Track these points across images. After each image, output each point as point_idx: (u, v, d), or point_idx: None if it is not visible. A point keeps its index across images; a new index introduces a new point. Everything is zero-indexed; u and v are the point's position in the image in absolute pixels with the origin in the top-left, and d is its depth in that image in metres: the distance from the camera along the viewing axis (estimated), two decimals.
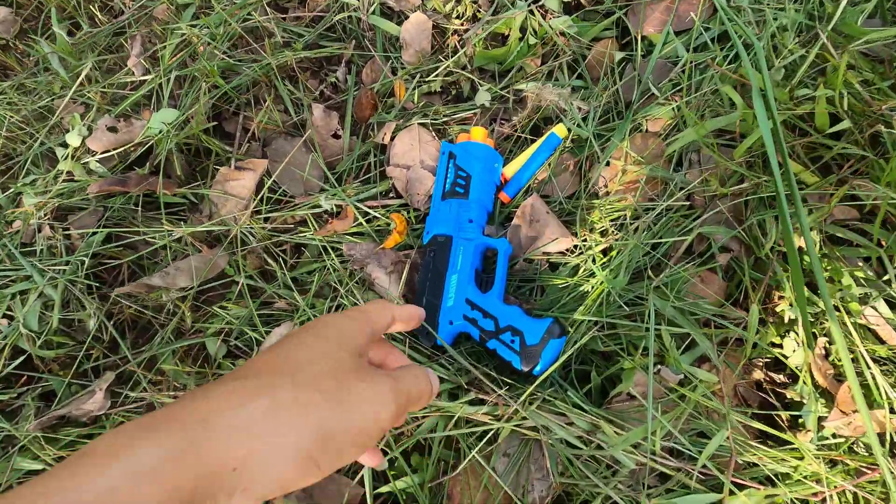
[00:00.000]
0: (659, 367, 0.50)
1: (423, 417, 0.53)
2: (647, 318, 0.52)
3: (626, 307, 0.53)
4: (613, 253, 0.59)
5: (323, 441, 0.24)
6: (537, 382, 0.51)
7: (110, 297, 0.66)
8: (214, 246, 0.68)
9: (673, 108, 0.62)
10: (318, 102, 0.76)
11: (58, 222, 0.69)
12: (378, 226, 0.67)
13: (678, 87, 0.63)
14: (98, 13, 0.87)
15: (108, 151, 0.74)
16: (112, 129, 0.74)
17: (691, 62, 0.63)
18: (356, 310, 0.32)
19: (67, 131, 0.76)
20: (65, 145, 0.76)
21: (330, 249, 0.66)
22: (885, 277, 0.54)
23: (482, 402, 0.52)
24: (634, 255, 0.55)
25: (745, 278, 0.56)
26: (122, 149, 0.73)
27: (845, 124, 0.54)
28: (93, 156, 0.75)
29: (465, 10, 0.77)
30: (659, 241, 0.57)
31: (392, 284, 0.62)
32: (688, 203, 0.60)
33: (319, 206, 0.67)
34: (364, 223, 0.66)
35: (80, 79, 0.75)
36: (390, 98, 0.76)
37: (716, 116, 0.60)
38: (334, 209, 0.68)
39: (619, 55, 0.69)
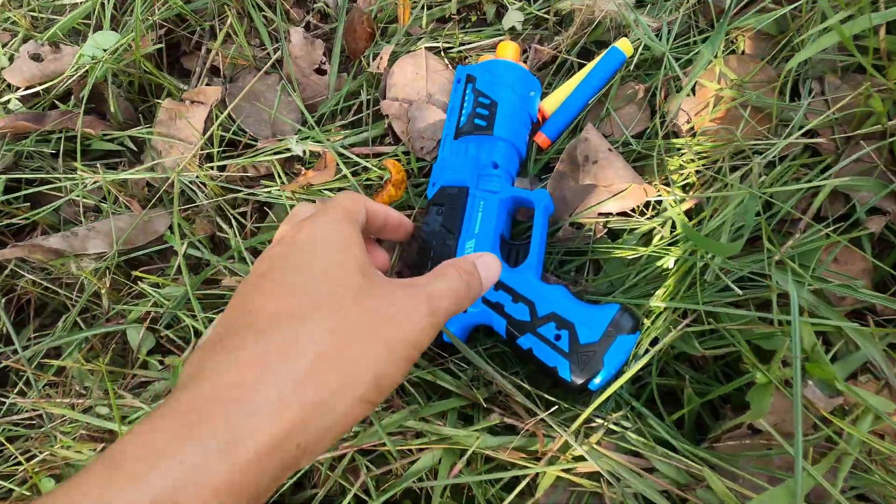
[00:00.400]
0: (808, 382, 0.31)
1: (420, 450, 0.35)
2: (773, 306, 0.33)
3: (737, 289, 0.34)
4: (705, 214, 0.40)
5: (377, 384, 0.23)
6: (597, 403, 0.32)
7: (7, 267, 0.49)
8: (139, 207, 0.50)
9: (787, 14, 0.43)
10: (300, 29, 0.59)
11: None
12: (368, 179, 0.49)
13: None
14: None
15: (31, 87, 0.58)
16: (36, 58, 0.58)
17: None
18: (328, 207, 0.29)
19: None
20: None
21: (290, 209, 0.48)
22: None
23: (511, 431, 0.34)
24: (745, 213, 0.36)
25: None
26: (49, 84, 0.57)
27: None
28: (14, 92, 0.59)
29: None
30: (774, 197, 0.38)
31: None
32: (810, 143, 0.41)
33: (289, 151, 0.49)
34: (349, 175, 0.48)
35: None
36: (392, 24, 0.58)
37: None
38: (308, 155, 0.50)
39: None
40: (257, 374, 0.21)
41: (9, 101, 0.59)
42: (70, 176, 0.50)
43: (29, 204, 0.52)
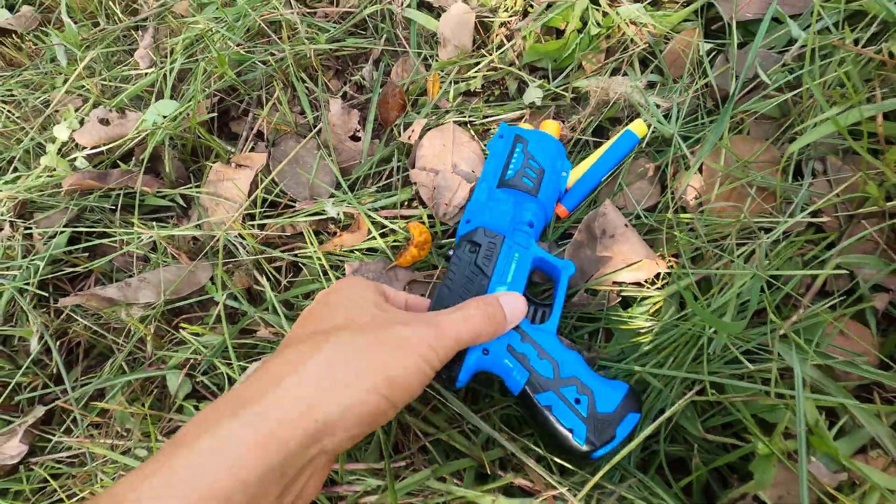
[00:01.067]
0: (812, 457, 0.32)
1: None
2: (773, 380, 0.34)
3: (746, 362, 0.36)
4: (714, 290, 0.42)
5: (388, 381, 0.27)
6: (608, 467, 0.34)
7: (63, 312, 0.53)
8: (188, 259, 0.55)
9: (788, 100, 0.47)
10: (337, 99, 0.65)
11: (22, 220, 0.59)
12: (396, 241, 0.53)
13: (792, 74, 0.48)
14: (118, 11, 0.81)
15: (97, 147, 0.65)
16: (104, 122, 0.64)
17: (811, 45, 0.49)
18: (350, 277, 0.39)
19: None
20: (53, 140, 0.67)
21: (331, 269, 0.52)
22: None
23: (525, 495, 0.35)
24: (752, 289, 0.39)
25: None
26: (113, 145, 0.64)
27: None
28: (81, 151, 0.65)
29: (514, 2, 0.66)
30: (780, 272, 0.41)
31: None
32: (814, 223, 0.44)
33: (324, 213, 0.53)
34: (378, 237, 0.52)
35: (78, 69, 0.67)
36: (422, 97, 0.64)
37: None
38: (342, 218, 0.55)
39: (706, 45, 0.55)
40: (287, 371, 0.27)
41: (76, 158, 0.65)
42: (128, 230, 0.55)
43: (88, 254, 0.57)
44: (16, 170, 0.69)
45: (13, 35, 0.82)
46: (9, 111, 0.74)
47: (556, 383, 0.36)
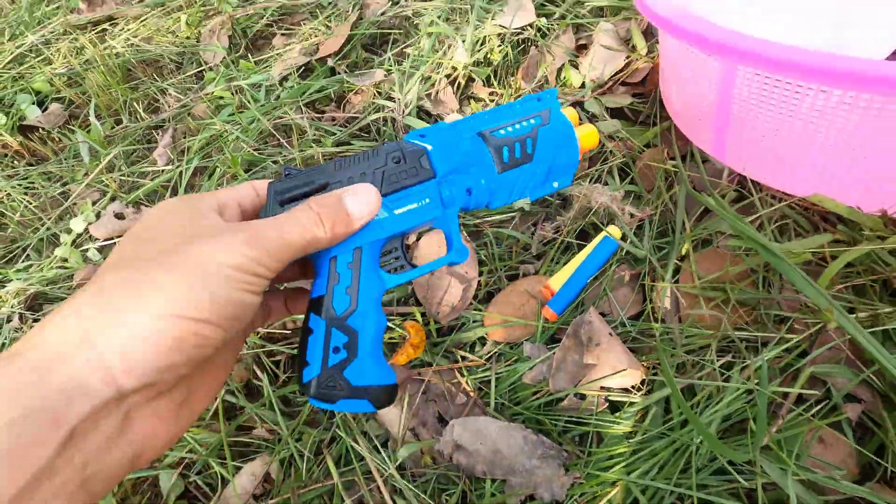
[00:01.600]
0: None
1: None
2: (759, 493, 0.36)
3: (736, 475, 0.37)
4: (699, 397, 0.44)
5: (189, 301, 0.23)
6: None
7: None
8: None
9: (749, 235, 0.51)
10: None
11: (31, 312, 0.61)
12: (392, 338, 0.55)
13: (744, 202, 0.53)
14: (141, 111, 0.88)
15: (110, 239, 0.68)
16: (119, 216, 0.68)
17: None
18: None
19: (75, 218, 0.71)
20: (69, 232, 0.70)
21: None
22: None
23: None
24: (737, 400, 0.41)
25: (887, 440, 0.40)
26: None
27: None
28: (94, 243, 0.69)
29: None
30: (759, 388, 0.43)
31: (399, 410, 0.48)
32: (786, 337, 0.46)
33: None
34: None
35: (100, 166, 0.72)
36: None
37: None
38: None
39: (670, 163, 0.61)
40: (60, 310, 0.23)
41: (87, 250, 0.69)
42: None
43: None
44: (28, 258, 0.72)
45: (40, 130, 0.89)
46: (28, 201, 0.78)
47: (335, 321, 0.31)
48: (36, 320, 0.59)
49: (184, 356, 0.23)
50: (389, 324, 0.55)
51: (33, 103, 0.92)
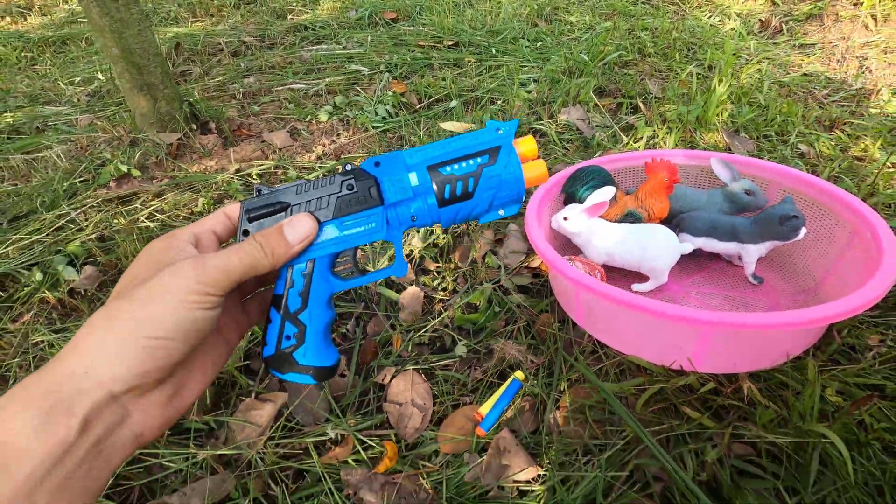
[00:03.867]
0: None
1: None
2: None
3: None
4: (571, 482, 0.72)
5: (153, 323, 0.30)
6: None
7: None
8: (223, 470, 0.77)
9: (594, 382, 0.84)
10: None
11: None
12: (373, 454, 0.79)
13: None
14: None
15: None
16: None
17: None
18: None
19: None
20: None
21: (327, 476, 0.76)
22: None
23: None
24: (593, 483, 0.69)
25: (676, 503, 0.69)
26: None
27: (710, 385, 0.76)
28: None
29: (448, 285, 1.06)
30: (611, 473, 0.71)
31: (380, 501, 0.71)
32: (625, 441, 0.76)
33: (326, 435, 0.79)
34: (361, 451, 0.78)
35: None
36: (388, 347, 0.97)
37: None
38: (338, 437, 0.81)
39: (556, 325, 0.94)
40: (83, 331, 0.30)
41: None
42: (177, 451, 0.77)
43: (141, 468, 0.77)
44: None
45: (80, 290, 1.10)
46: None
47: (289, 316, 0.39)
48: None
49: (156, 364, 0.30)
50: (371, 441, 0.79)
51: (69, 264, 1.14)
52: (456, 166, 0.39)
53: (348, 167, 0.40)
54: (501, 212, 0.42)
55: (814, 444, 0.69)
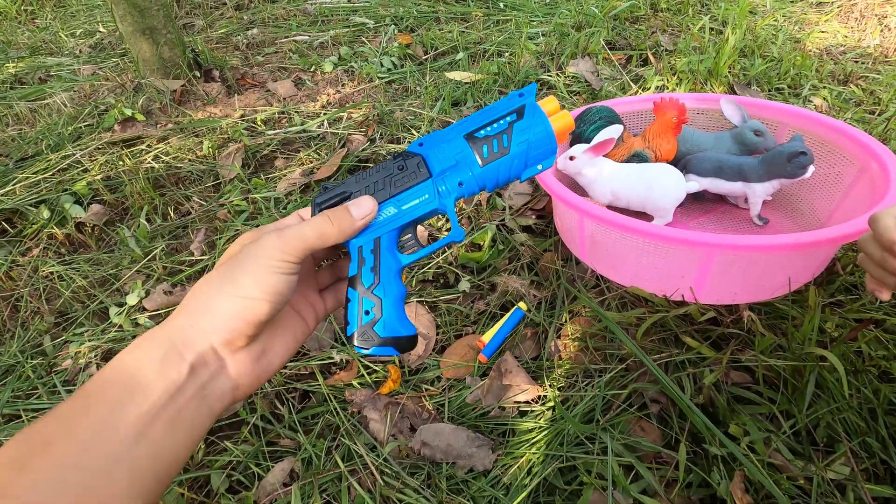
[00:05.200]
0: (612, 490, 0.60)
1: None
2: (596, 449, 0.64)
3: (587, 443, 0.65)
4: (571, 402, 0.73)
5: (243, 284, 0.34)
6: None
7: None
8: None
9: (596, 310, 0.84)
10: None
11: (103, 363, 0.81)
12: (377, 378, 0.80)
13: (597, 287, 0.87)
14: (171, 213, 1.14)
15: (158, 310, 0.90)
16: (168, 293, 0.91)
17: None
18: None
19: (126, 294, 0.93)
20: (120, 305, 0.92)
21: (332, 397, 0.78)
22: (782, 429, 0.69)
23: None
24: (592, 403, 0.70)
25: (673, 424, 0.70)
26: (170, 309, 0.90)
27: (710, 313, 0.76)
28: (143, 314, 0.91)
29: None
30: (606, 393, 0.73)
31: (384, 423, 0.73)
32: (624, 367, 0.78)
33: (332, 358, 0.81)
34: (365, 374, 0.80)
35: (152, 254, 0.96)
36: None
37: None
38: (343, 362, 0.82)
39: (559, 263, 0.95)
40: (189, 295, 0.35)
41: (136, 319, 0.90)
42: None
43: None
44: (81, 324, 0.92)
45: (86, 225, 1.11)
46: (77, 280, 0.99)
47: (365, 291, 0.41)
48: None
49: (246, 320, 0.34)
50: (375, 367, 0.81)
51: (76, 202, 1.15)
52: (489, 128, 0.43)
53: (396, 154, 0.44)
54: (539, 166, 0.44)
55: (811, 367, 0.70)
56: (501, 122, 0.43)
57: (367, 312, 0.41)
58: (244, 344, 0.35)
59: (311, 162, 1.26)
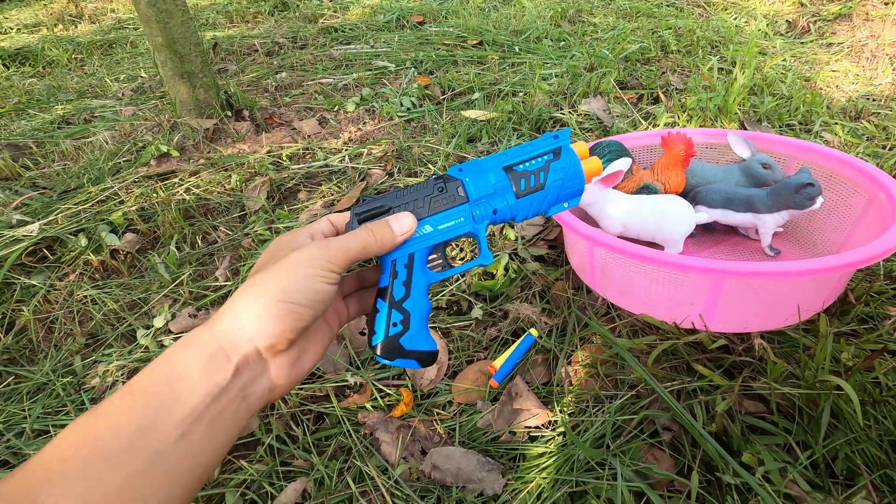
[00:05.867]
0: None
1: None
2: (606, 475, 0.64)
3: (598, 468, 0.65)
4: (581, 428, 0.73)
5: (284, 290, 0.35)
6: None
7: None
8: None
9: (606, 337, 0.85)
10: None
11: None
12: (389, 401, 0.82)
13: (608, 316, 0.88)
14: (199, 241, 1.20)
15: (183, 332, 0.94)
16: (192, 316, 0.95)
17: None
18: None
19: (153, 317, 0.98)
20: (147, 327, 0.96)
21: (346, 419, 0.80)
22: (799, 460, 0.68)
23: None
24: (603, 429, 0.70)
25: (685, 451, 0.70)
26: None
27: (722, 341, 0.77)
28: (168, 336, 0.94)
29: (466, 255, 1.09)
30: (619, 417, 0.73)
31: (396, 446, 0.74)
32: (634, 393, 0.78)
33: (346, 381, 0.83)
34: (378, 398, 0.81)
35: (180, 280, 1.01)
36: None
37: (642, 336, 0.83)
38: (356, 385, 0.84)
39: (570, 291, 0.96)
40: (234, 297, 0.35)
41: (162, 341, 0.94)
42: None
43: None
44: (110, 346, 0.96)
45: (120, 252, 1.17)
46: (108, 303, 1.04)
47: (395, 305, 0.43)
48: None
49: (289, 325, 0.35)
50: (388, 390, 0.82)
51: (112, 231, 1.22)
52: (527, 164, 0.45)
53: (436, 175, 0.46)
54: (566, 204, 0.47)
55: (826, 396, 0.69)
56: (539, 159, 0.46)
57: (394, 324, 0.42)
58: (285, 348, 0.36)
59: (332, 194, 1.32)
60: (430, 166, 1.39)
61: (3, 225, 1.23)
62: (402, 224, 0.42)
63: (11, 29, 3.40)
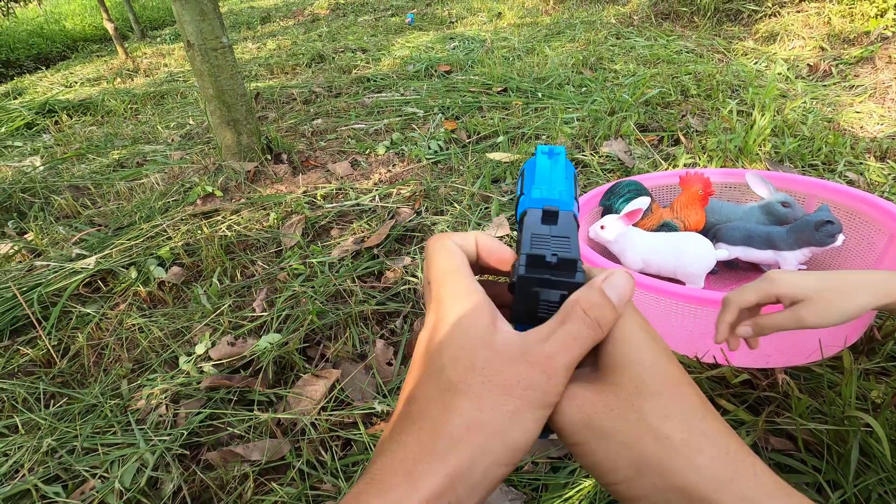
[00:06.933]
0: None
1: None
2: None
3: None
4: None
5: (506, 448, 0.24)
6: None
7: (191, 468, 0.80)
8: (281, 435, 0.85)
9: None
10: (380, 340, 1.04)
11: (173, 404, 0.89)
12: None
13: None
14: (238, 274, 1.27)
15: (221, 360, 1.00)
16: (231, 344, 1.01)
17: None
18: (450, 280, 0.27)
19: (194, 345, 1.04)
20: (189, 354, 1.02)
21: (372, 446, 0.82)
22: (830, 500, 0.67)
23: None
24: None
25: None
26: (232, 359, 0.99)
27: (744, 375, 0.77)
28: (207, 362, 1.00)
29: None
30: None
31: None
32: None
33: (373, 409, 0.86)
34: None
35: (220, 310, 1.08)
36: None
37: None
38: (383, 413, 0.87)
39: None
40: (416, 454, 0.24)
41: (202, 367, 1.00)
42: (245, 415, 0.86)
43: (211, 429, 0.86)
44: (154, 371, 1.02)
45: (166, 284, 1.26)
46: (153, 331, 1.11)
47: None
48: (176, 411, 0.88)
49: (492, 490, 0.24)
50: None
51: (159, 265, 1.31)
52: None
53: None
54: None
55: (854, 433, 0.69)
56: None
57: None
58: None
59: (363, 231, 1.39)
60: (456, 205, 1.45)
61: (64, 258, 1.34)
62: (621, 288, 0.27)
63: (76, 83, 3.74)
